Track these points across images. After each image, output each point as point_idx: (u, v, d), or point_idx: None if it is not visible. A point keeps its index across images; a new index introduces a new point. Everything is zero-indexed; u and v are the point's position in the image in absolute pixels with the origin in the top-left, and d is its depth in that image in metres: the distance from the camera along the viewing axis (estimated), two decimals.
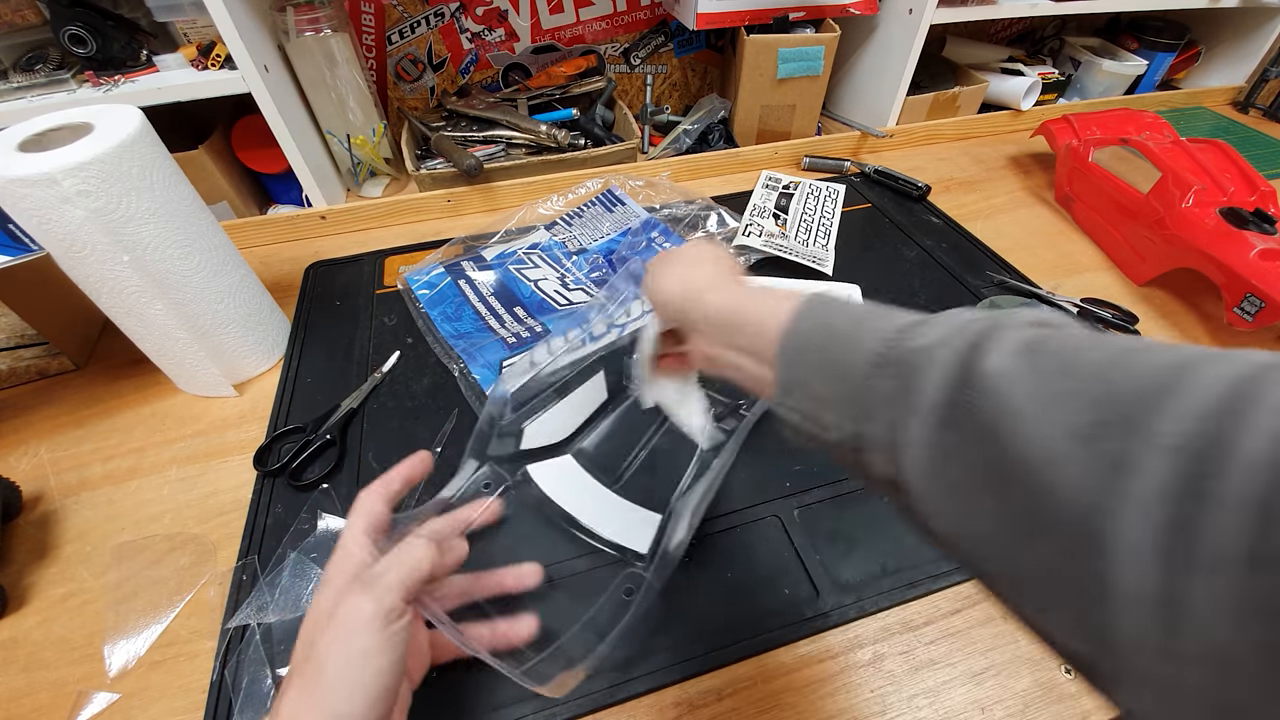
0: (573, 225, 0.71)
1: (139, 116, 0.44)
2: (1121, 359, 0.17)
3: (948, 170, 0.86)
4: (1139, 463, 0.15)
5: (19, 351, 0.55)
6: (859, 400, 0.23)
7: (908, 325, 0.23)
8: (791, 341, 0.26)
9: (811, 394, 0.25)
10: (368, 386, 0.53)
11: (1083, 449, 0.16)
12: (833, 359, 0.24)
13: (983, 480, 0.18)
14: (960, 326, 0.21)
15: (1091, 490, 0.15)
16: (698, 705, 0.36)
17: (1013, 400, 0.18)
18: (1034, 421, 0.17)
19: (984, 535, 0.19)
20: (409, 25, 0.82)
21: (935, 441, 0.20)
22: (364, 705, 0.26)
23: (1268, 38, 1.02)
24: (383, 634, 0.27)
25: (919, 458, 0.20)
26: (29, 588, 0.41)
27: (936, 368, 0.20)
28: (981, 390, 0.19)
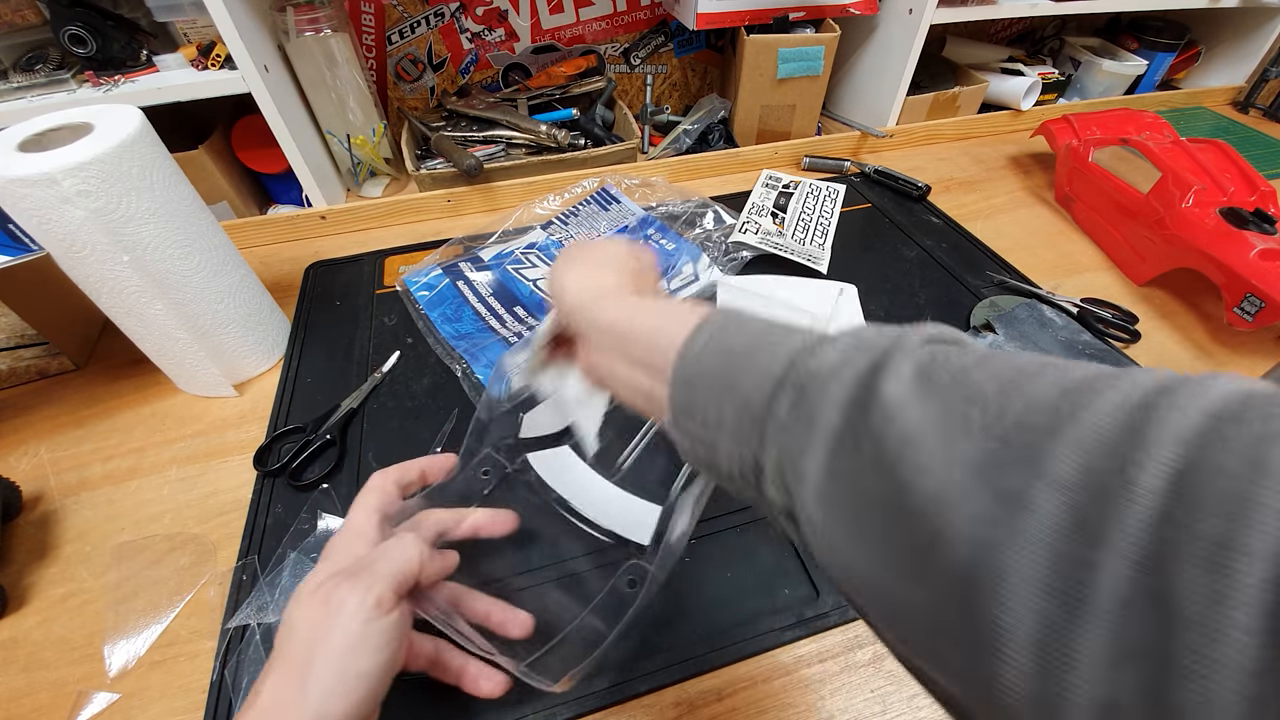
0: (569, 224, 0.71)
1: (139, 116, 0.44)
2: (1020, 383, 0.17)
3: (948, 170, 0.86)
4: (1032, 500, 0.14)
5: (19, 351, 0.55)
6: (757, 426, 0.21)
7: (810, 344, 0.22)
8: (687, 360, 0.24)
9: (707, 418, 0.23)
10: (368, 386, 0.53)
11: (978, 483, 0.15)
12: (730, 381, 0.23)
13: (880, 513, 0.18)
14: (862, 345, 0.21)
15: (986, 527, 0.15)
16: (698, 705, 0.36)
17: (910, 427, 0.17)
18: (930, 453, 0.17)
19: (877, 572, 0.18)
20: (409, 25, 0.82)
21: (832, 470, 0.19)
22: (344, 706, 0.25)
23: (1268, 38, 1.02)
24: (370, 627, 0.26)
25: (815, 487, 0.19)
26: (29, 588, 0.41)
27: (836, 390, 0.19)
28: (880, 416, 0.18)
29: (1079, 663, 0.13)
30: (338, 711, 0.25)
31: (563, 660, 0.33)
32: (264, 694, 0.25)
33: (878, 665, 0.38)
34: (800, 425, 0.20)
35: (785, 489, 0.21)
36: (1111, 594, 0.13)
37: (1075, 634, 0.13)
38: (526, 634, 0.34)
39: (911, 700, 0.36)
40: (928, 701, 0.36)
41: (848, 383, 0.19)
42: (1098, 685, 0.13)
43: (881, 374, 0.19)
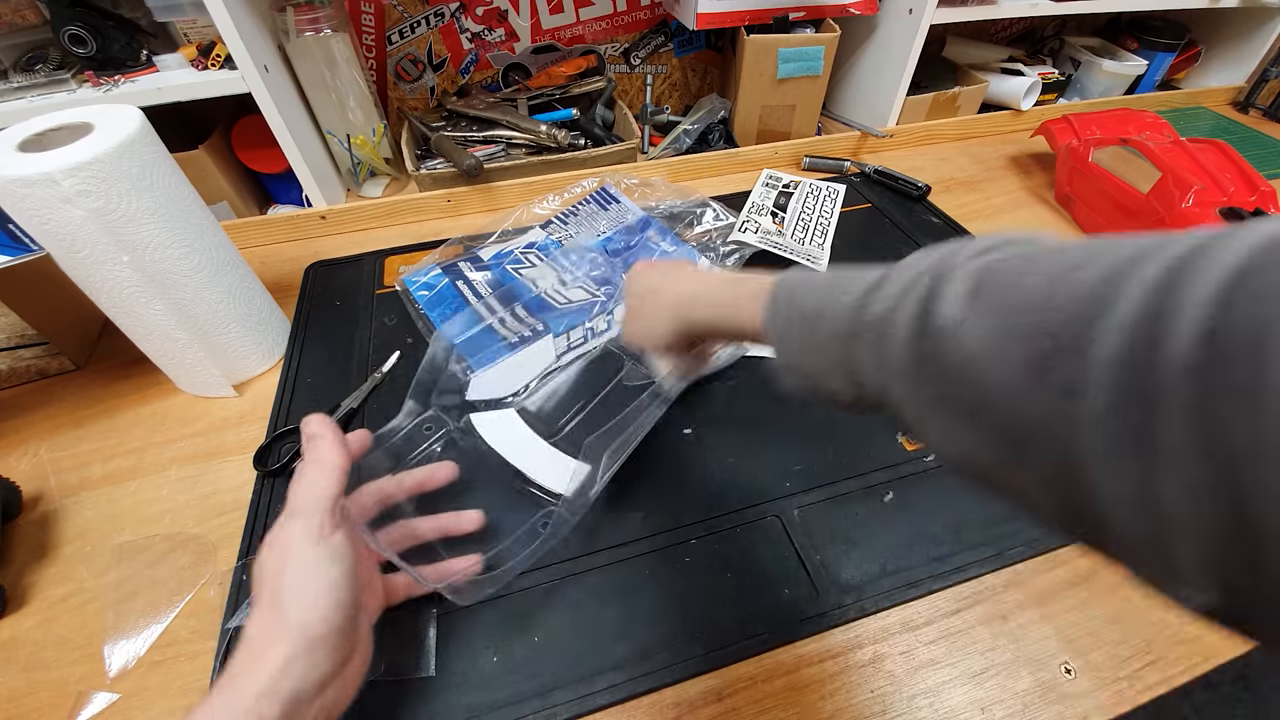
0: (568, 224, 0.71)
1: (139, 116, 0.44)
2: (1064, 278, 0.17)
3: (948, 170, 0.86)
4: (1084, 386, 0.15)
5: (19, 351, 0.55)
6: (848, 370, 0.24)
7: (867, 290, 0.24)
8: (773, 332, 0.29)
9: (806, 371, 0.27)
10: (368, 386, 0.53)
11: (1038, 381, 0.17)
12: (813, 339, 0.26)
13: (968, 420, 0.19)
14: (912, 280, 0.22)
15: (1055, 418, 0.16)
16: (698, 705, 0.36)
17: (969, 345, 0.19)
18: (990, 363, 0.18)
19: (986, 462, 0.20)
20: (409, 25, 0.82)
21: (918, 396, 0.21)
22: (320, 612, 0.28)
23: (1268, 38, 1.02)
24: (320, 548, 0.29)
25: (911, 410, 0.22)
26: (29, 588, 0.41)
27: (899, 329, 0.21)
28: (940, 341, 0.20)
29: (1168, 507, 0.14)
30: (316, 618, 0.28)
31: (476, 583, 0.37)
32: (249, 630, 0.28)
33: (878, 665, 0.38)
34: (881, 364, 0.22)
35: (892, 413, 0.23)
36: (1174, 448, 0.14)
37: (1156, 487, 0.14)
38: (479, 526, 0.41)
39: (911, 700, 0.36)
40: (927, 701, 0.36)
41: (909, 316, 0.21)
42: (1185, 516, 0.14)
43: (936, 300, 0.20)
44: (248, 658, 0.27)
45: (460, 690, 0.36)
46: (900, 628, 0.39)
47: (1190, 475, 0.13)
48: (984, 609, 0.40)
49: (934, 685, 0.37)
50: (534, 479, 0.45)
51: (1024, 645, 0.38)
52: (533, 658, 0.37)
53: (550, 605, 0.40)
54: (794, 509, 0.45)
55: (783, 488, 0.46)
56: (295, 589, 0.28)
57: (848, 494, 0.45)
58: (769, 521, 0.44)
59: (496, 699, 0.35)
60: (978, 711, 0.36)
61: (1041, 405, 0.16)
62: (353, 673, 0.30)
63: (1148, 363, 0.14)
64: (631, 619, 0.39)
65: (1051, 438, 0.16)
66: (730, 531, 0.43)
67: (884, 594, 0.40)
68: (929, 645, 0.39)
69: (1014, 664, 0.38)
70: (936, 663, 0.38)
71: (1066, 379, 0.16)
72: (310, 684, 0.27)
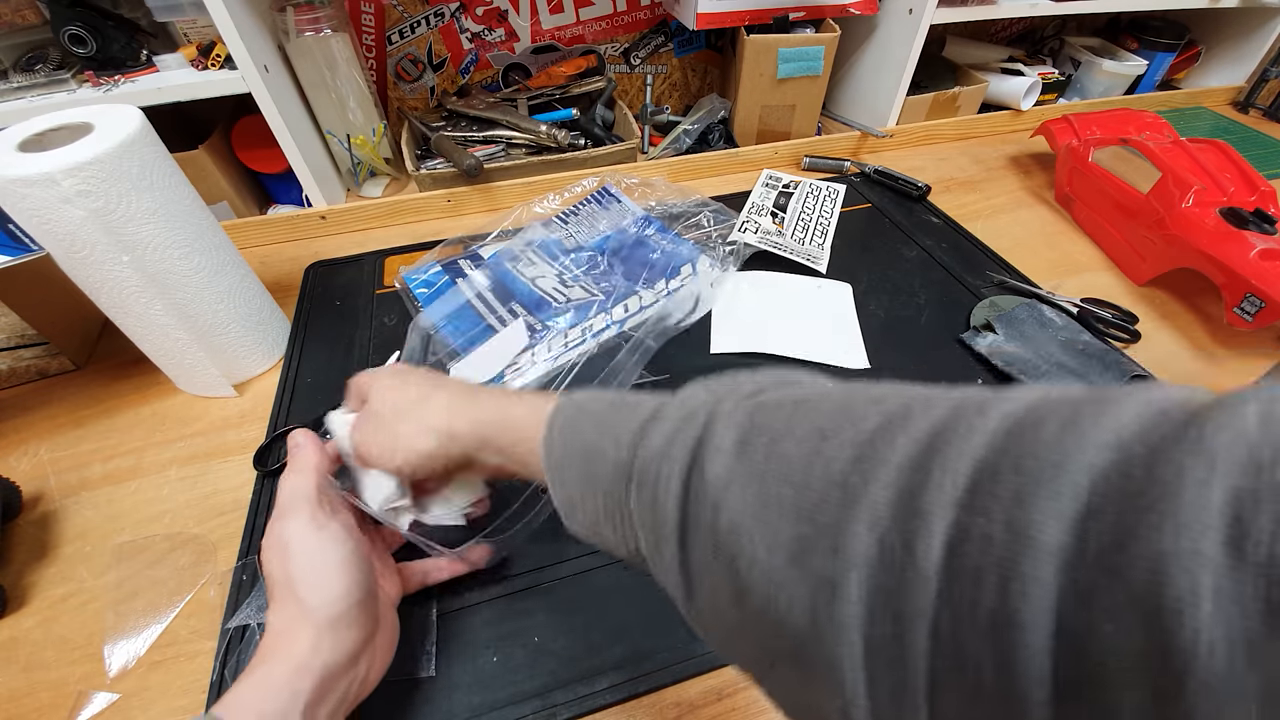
0: (569, 223, 0.71)
1: (139, 116, 0.44)
2: (821, 450, 0.17)
3: (948, 170, 0.86)
4: (842, 585, 0.14)
5: (19, 351, 0.55)
6: (625, 517, 0.22)
7: (644, 422, 0.22)
8: (549, 469, 0.25)
9: (586, 513, 0.24)
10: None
11: (797, 571, 0.16)
12: (591, 472, 0.23)
13: (730, 600, 0.18)
14: (687, 414, 0.21)
15: (812, 617, 0.15)
16: (698, 705, 0.36)
17: (734, 517, 0.17)
18: (754, 543, 0.17)
19: (747, 658, 0.18)
20: (409, 25, 0.82)
21: (685, 564, 0.19)
22: (335, 591, 0.29)
23: (1268, 38, 1.02)
24: (322, 534, 0.30)
25: (677, 578, 0.20)
26: (29, 588, 0.41)
27: (670, 481, 0.20)
28: (709, 504, 0.18)
29: None
30: (332, 597, 0.29)
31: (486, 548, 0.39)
32: (271, 621, 0.29)
33: None
34: (649, 516, 0.20)
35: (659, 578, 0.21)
36: (924, 671, 0.13)
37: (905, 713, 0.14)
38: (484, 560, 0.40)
39: None
40: None
41: (677, 469, 0.19)
42: None
43: (705, 450, 0.19)
44: (275, 641, 0.28)
45: (460, 690, 0.36)
46: None
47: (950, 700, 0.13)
48: None
49: None
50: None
51: None
52: (533, 658, 0.37)
53: (550, 605, 0.40)
54: None
55: None
56: (306, 576, 0.29)
57: None
58: None
59: (496, 699, 0.35)
60: None
61: (803, 601, 0.15)
62: (382, 645, 0.32)
63: (899, 566, 0.14)
64: (632, 619, 0.39)
65: (811, 634, 0.15)
66: None
67: None
68: None
69: None
70: None
71: (825, 573, 0.15)
72: (340, 656, 0.28)
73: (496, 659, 0.37)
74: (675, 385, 0.24)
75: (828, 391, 0.19)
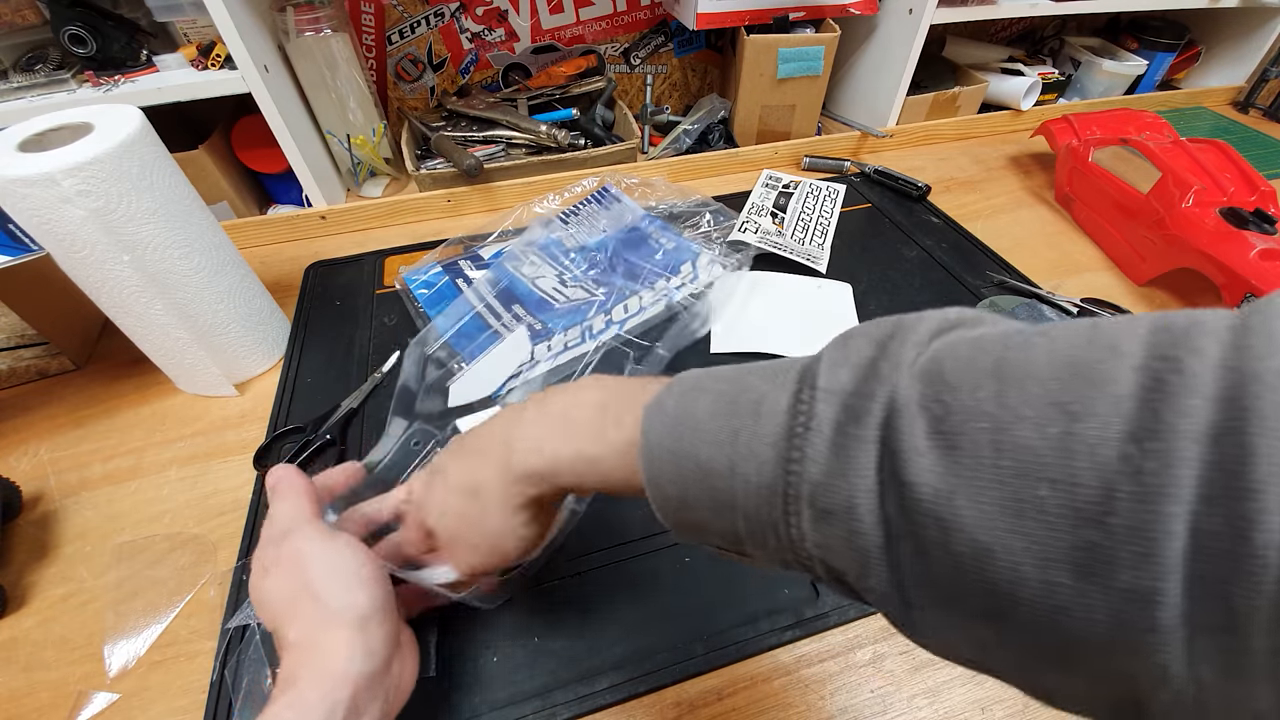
0: (569, 223, 0.71)
1: (139, 116, 0.44)
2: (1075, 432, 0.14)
3: (948, 170, 0.86)
4: (1159, 591, 0.12)
5: (19, 351, 0.55)
6: (783, 542, 0.19)
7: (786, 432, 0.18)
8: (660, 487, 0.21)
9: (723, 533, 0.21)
10: (368, 386, 0.53)
11: (1089, 585, 0.13)
12: (721, 495, 0.20)
13: (981, 613, 0.15)
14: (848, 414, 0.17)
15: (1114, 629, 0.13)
16: (698, 705, 0.36)
17: (974, 533, 0.15)
18: (1013, 559, 0.14)
19: (1003, 663, 0.16)
20: (409, 25, 0.82)
21: (905, 583, 0.16)
22: (363, 592, 0.27)
23: (1268, 38, 1.02)
24: (337, 540, 0.29)
25: (894, 594, 0.17)
26: (29, 588, 0.41)
27: (863, 505, 0.16)
28: (928, 525, 0.15)
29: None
30: (360, 598, 0.27)
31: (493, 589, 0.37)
32: (290, 641, 0.26)
33: (878, 665, 0.38)
34: (844, 548, 0.17)
35: (854, 595, 0.19)
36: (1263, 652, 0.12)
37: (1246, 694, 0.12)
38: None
39: (911, 700, 0.36)
40: (927, 701, 0.36)
41: (869, 486, 0.16)
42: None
43: (898, 460, 0.16)
44: (300, 658, 0.26)
45: (460, 690, 0.36)
46: None
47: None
48: None
49: (934, 685, 0.37)
50: None
51: None
52: (533, 658, 0.37)
53: (550, 605, 0.40)
54: None
55: None
56: (329, 581, 0.28)
57: None
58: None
59: (496, 699, 0.35)
60: (978, 711, 0.36)
61: (1102, 611, 0.13)
62: (409, 652, 0.30)
63: (1229, 555, 0.12)
64: (631, 619, 0.39)
65: (1117, 645, 0.13)
66: None
67: None
68: None
69: None
70: (936, 663, 0.38)
71: (1136, 583, 0.13)
72: (375, 660, 0.26)
73: (496, 659, 0.37)
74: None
75: (1024, 341, 0.15)
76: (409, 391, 0.50)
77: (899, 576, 0.16)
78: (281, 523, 0.30)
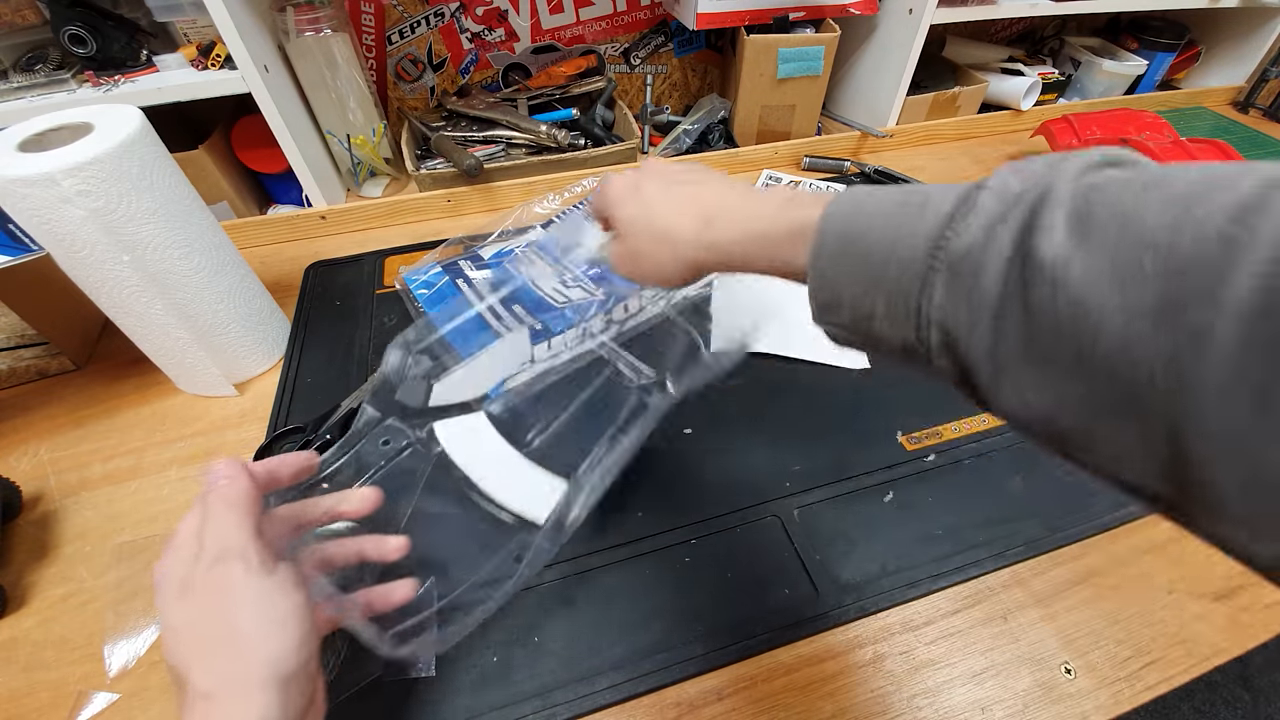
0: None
1: (139, 116, 0.44)
2: (1191, 211, 0.16)
3: (948, 170, 0.86)
4: (1214, 329, 0.14)
5: (19, 351, 0.55)
6: (912, 315, 0.22)
7: (946, 220, 0.21)
8: (820, 267, 0.25)
9: (857, 311, 0.24)
10: (368, 387, 0.53)
11: (1163, 327, 0.15)
12: (874, 275, 0.23)
13: (1070, 369, 0.18)
14: (1003, 210, 0.20)
15: (1177, 364, 0.15)
16: (698, 705, 0.36)
17: (1077, 287, 0.17)
18: (1107, 309, 0.16)
19: (1075, 415, 0.18)
20: (409, 25, 0.82)
21: (1006, 341, 0.19)
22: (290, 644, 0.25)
23: (1268, 38, 1.02)
24: (272, 580, 0.26)
25: (990, 355, 0.19)
26: (29, 588, 0.41)
27: (989, 267, 0.19)
28: (1044, 282, 0.18)
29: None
30: (286, 651, 0.25)
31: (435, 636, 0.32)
32: (196, 686, 0.23)
33: (878, 665, 0.38)
34: (962, 306, 0.20)
35: (956, 361, 0.21)
36: None
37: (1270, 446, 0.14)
38: (403, 551, 0.33)
39: (911, 700, 0.36)
40: (928, 701, 0.36)
41: (1002, 253, 0.19)
42: None
43: (1034, 234, 0.18)
44: (211, 712, 0.23)
45: (460, 690, 0.36)
46: (900, 628, 0.39)
47: None
48: (984, 609, 0.40)
49: (934, 685, 0.37)
50: (504, 504, 0.39)
51: (1024, 645, 0.38)
52: (533, 658, 0.37)
53: (550, 605, 0.40)
54: (794, 509, 0.45)
55: (783, 488, 0.46)
56: (255, 626, 0.25)
57: (848, 494, 0.45)
58: (769, 521, 0.44)
59: (496, 699, 0.35)
60: (978, 711, 0.36)
61: (1168, 349, 0.15)
62: (317, 713, 0.27)
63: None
64: (631, 619, 0.39)
65: (1171, 381, 0.15)
66: (730, 531, 0.43)
67: (884, 594, 0.40)
68: (929, 645, 0.39)
69: (1014, 664, 0.38)
70: (936, 663, 0.38)
71: (1198, 323, 0.15)
72: None
73: (496, 659, 0.37)
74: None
75: (1181, 169, 0.18)
76: (388, 382, 0.45)
77: (997, 338, 0.19)
78: (217, 537, 0.26)
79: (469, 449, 0.42)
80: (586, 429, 0.44)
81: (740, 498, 0.45)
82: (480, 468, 0.41)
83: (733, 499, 0.45)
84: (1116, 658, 0.38)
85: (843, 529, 0.43)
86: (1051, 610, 0.40)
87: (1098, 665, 0.38)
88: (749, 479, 0.46)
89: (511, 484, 0.40)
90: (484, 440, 0.43)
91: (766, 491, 0.46)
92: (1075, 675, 0.37)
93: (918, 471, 0.47)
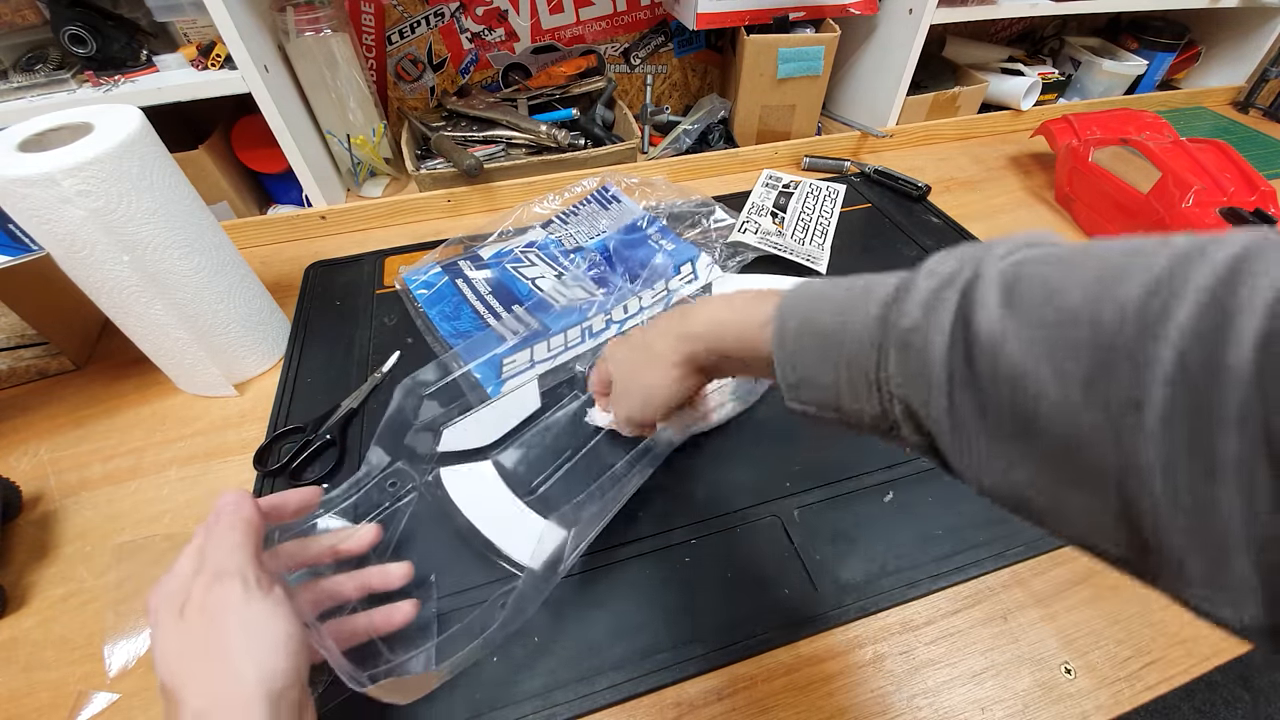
0: (569, 223, 0.71)
1: (139, 116, 0.44)
2: (1108, 292, 0.17)
3: (948, 170, 0.86)
4: (1145, 399, 0.15)
5: (19, 351, 0.55)
6: (873, 389, 0.23)
7: (890, 299, 0.23)
8: (783, 352, 0.27)
9: (823, 389, 0.26)
10: (368, 386, 0.53)
11: (1094, 396, 0.16)
12: (832, 350, 0.25)
13: (1018, 438, 0.19)
14: (939, 286, 0.21)
15: (1112, 430, 0.16)
16: (698, 705, 0.36)
17: (1016, 360, 0.18)
18: (1043, 379, 0.17)
19: (1031, 483, 0.19)
20: (409, 25, 0.82)
21: (958, 410, 0.20)
22: (282, 665, 0.26)
23: (1268, 38, 1.02)
24: (266, 602, 0.27)
25: (946, 426, 0.21)
26: (29, 588, 0.41)
27: (936, 341, 0.21)
28: (984, 355, 0.19)
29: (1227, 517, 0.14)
30: (278, 671, 0.25)
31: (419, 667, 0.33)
32: (193, 703, 0.24)
33: (878, 665, 0.38)
34: (914, 380, 0.22)
35: (921, 431, 0.22)
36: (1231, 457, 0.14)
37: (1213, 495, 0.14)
38: (408, 577, 0.36)
39: (911, 700, 0.36)
40: (927, 701, 0.36)
41: (943, 329, 0.20)
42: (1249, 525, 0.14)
43: (971, 308, 0.20)
44: None
45: (460, 690, 0.36)
46: (900, 628, 0.39)
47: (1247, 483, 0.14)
48: (984, 609, 0.40)
49: (934, 685, 0.37)
50: (502, 549, 0.40)
51: (1024, 645, 0.38)
52: (533, 658, 0.37)
53: (550, 605, 0.39)
54: (794, 509, 0.45)
55: (783, 488, 0.46)
56: (249, 647, 0.25)
57: (848, 494, 0.45)
58: (769, 521, 0.44)
59: (496, 699, 0.35)
60: (978, 711, 0.36)
61: (1101, 419, 0.16)
62: None
63: (1206, 373, 0.14)
64: (631, 619, 0.39)
65: (1109, 451, 0.16)
66: (730, 531, 0.43)
67: (884, 594, 0.40)
68: (929, 645, 0.39)
69: (1014, 664, 0.38)
70: (936, 663, 0.38)
71: (1127, 394, 0.16)
72: None
73: (496, 659, 0.37)
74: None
75: (1101, 246, 0.19)
76: (399, 423, 0.47)
77: (952, 404, 0.20)
78: (218, 557, 0.28)
79: (473, 495, 0.43)
80: (581, 477, 0.46)
81: (740, 498, 0.45)
82: (482, 515, 0.42)
83: (733, 499, 0.45)
84: (1116, 658, 0.38)
85: (843, 529, 0.43)
86: (1051, 610, 0.40)
87: (1098, 665, 0.38)
88: (749, 479, 0.46)
89: (511, 531, 0.41)
90: (489, 487, 0.44)
91: (766, 491, 0.46)
92: (1075, 675, 0.37)
93: (918, 471, 0.47)
